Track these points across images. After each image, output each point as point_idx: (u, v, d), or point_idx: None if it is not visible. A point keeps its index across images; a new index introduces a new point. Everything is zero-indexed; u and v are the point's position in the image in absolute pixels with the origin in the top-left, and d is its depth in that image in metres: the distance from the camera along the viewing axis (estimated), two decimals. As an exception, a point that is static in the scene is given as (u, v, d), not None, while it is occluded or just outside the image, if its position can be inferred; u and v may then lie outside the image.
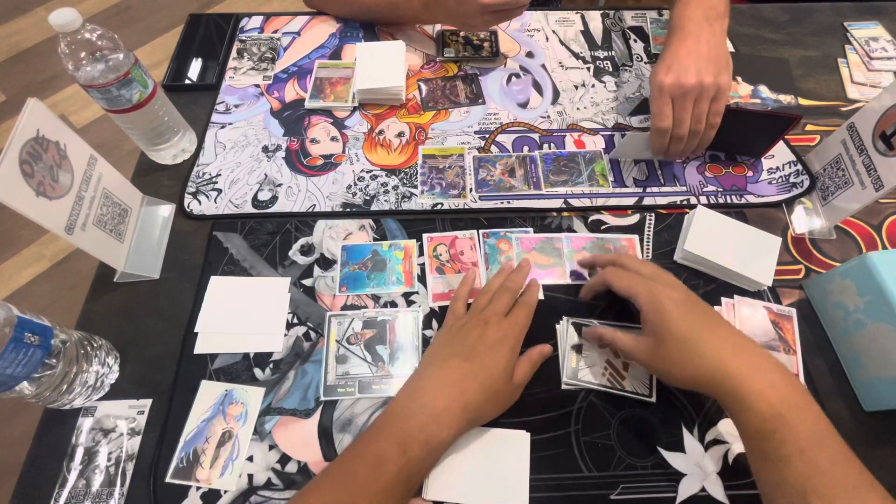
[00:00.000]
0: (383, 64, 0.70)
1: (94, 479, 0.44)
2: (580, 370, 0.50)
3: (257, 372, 0.50)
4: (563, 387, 0.49)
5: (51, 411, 0.47)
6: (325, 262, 0.57)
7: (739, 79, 0.59)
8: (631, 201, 0.61)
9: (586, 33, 0.79)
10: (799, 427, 0.37)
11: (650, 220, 0.60)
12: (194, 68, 0.74)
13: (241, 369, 0.50)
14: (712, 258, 0.54)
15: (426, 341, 0.52)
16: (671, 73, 0.56)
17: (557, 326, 0.52)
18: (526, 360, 0.47)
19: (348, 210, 0.60)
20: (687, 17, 0.59)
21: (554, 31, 0.79)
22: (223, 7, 2.07)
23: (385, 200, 0.61)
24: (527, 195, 0.62)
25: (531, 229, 0.59)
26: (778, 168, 0.64)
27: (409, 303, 0.54)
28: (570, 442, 0.47)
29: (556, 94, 0.72)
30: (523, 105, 0.71)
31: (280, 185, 0.62)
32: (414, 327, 0.52)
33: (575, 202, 0.61)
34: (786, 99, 0.58)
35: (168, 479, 0.45)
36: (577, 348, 0.51)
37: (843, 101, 0.71)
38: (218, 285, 0.55)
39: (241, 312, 0.53)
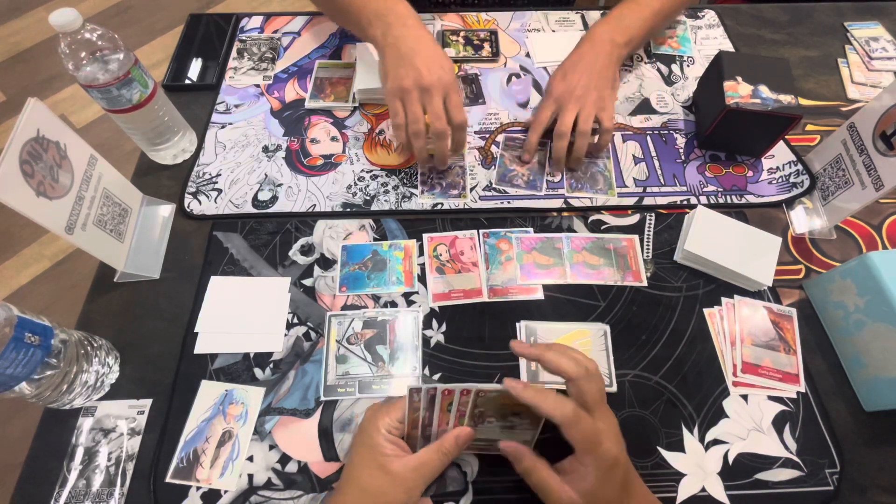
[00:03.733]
0: (383, 64, 0.70)
1: (94, 479, 0.44)
2: (540, 372, 0.50)
3: (257, 372, 0.50)
4: None
5: (51, 411, 0.47)
6: (325, 262, 0.57)
7: (739, 78, 0.59)
8: (631, 201, 0.61)
9: (586, 33, 0.79)
10: None
11: (650, 220, 0.60)
12: (194, 68, 0.73)
13: (241, 369, 0.50)
14: (712, 258, 0.54)
15: (426, 341, 0.52)
16: (565, 80, 0.63)
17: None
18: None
19: (348, 210, 0.60)
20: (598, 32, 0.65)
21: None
22: (223, 7, 2.07)
23: (385, 200, 0.61)
24: (527, 195, 0.62)
25: (531, 229, 0.59)
26: (778, 168, 0.64)
27: (409, 303, 0.54)
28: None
29: (556, 94, 0.72)
30: (523, 105, 0.71)
31: (280, 185, 0.62)
32: (414, 327, 0.52)
33: (575, 202, 0.61)
34: (786, 99, 0.57)
35: (168, 479, 0.45)
36: None
37: (844, 101, 0.71)
38: (218, 285, 0.55)
39: (241, 312, 0.53)
